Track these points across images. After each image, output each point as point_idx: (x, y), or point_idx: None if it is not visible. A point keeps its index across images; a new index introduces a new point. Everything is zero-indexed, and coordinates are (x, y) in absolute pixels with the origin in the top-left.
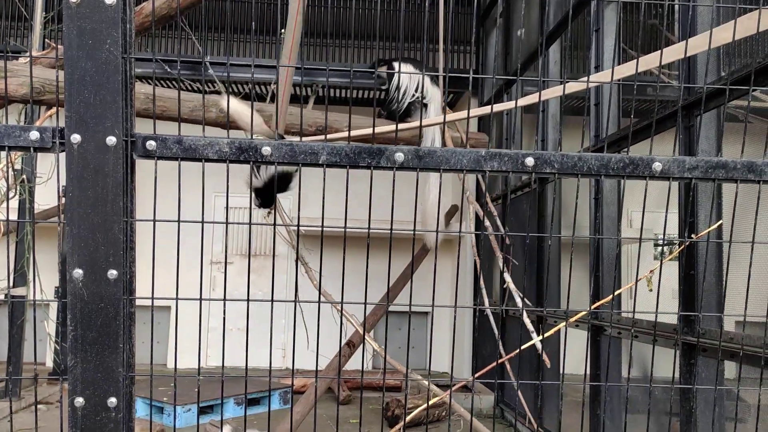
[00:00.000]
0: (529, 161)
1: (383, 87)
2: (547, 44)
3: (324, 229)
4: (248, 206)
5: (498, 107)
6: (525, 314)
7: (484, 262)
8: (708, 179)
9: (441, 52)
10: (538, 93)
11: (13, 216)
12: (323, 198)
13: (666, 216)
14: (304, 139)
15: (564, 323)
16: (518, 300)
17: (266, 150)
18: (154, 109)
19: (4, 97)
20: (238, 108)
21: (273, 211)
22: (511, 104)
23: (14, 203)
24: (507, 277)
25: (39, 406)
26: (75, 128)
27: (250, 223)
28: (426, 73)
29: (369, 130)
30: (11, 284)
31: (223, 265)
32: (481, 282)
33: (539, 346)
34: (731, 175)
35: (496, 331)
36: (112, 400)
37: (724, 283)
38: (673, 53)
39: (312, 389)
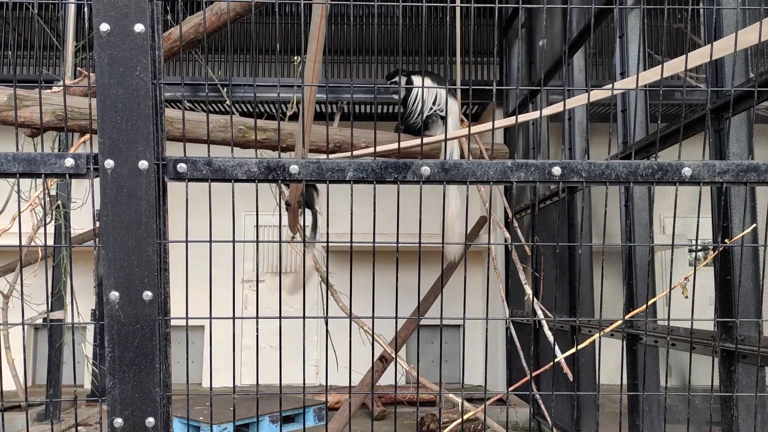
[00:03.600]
0: (556, 171)
1: (395, 96)
2: (570, 52)
3: (353, 244)
4: (278, 224)
5: (522, 118)
6: (546, 327)
7: (514, 274)
8: (739, 183)
9: (458, 63)
10: (562, 102)
11: (50, 241)
12: (351, 214)
13: (698, 221)
14: (330, 156)
15: (598, 333)
16: (540, 312)
17: (294, 168)
18: (184, 132)
19: (40, 125)
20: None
21: (304, 235)
22: (535, 114)
23: (50, 228)
24: (528, 289)
25: (79, 428)
26: (108, 154)
27: (280, 241)
28: (448, 86)
29: (393, 146)
30: (50, 308)
31: (255, 283)
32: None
33: (563, 363)
34: (763, 178)
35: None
36: (150, 420)
37: (761, 287)
38: (698, 57)
39: (346, 405)
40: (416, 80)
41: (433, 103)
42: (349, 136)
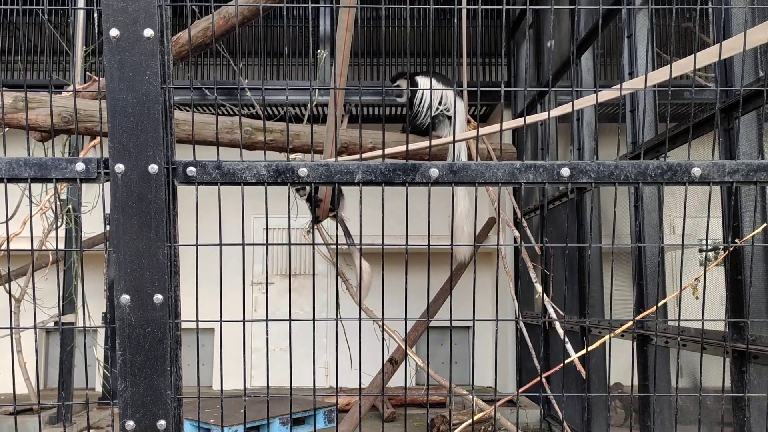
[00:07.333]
0: (565, 172)
1: (399, 98)
2: (578, 53)
3: (362, 246)
4: (287, 226)
5: (531, 119)
6: (558, 325)
7: (523, 275)
8: (749, 183)
9: (464, 63)
10: (571, 103)
11: (60, 245)
12: (360, 216)
13: (708, 221)
14: (339, 158)
15: (608, 335)
16: (552, 312)
17: (303, 171)
18: (194, 136)
19: (50, 128)
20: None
21: (312, 231)
22: (543, 115)
23: (61, 232)
24: (539, 287)
25: (91, 431)
26: (118, 158)
27: (290, 244)
28: (454, 88)
29: (402, 148)
30: (61, 311)
31: (264, 285)
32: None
33: (578, 362)
34: None
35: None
36: (162, 423)
37: None
38: (707, 57)
39: (356, 407)
40: (421, 81)
41: (440, 103)
42: (355, 137)
